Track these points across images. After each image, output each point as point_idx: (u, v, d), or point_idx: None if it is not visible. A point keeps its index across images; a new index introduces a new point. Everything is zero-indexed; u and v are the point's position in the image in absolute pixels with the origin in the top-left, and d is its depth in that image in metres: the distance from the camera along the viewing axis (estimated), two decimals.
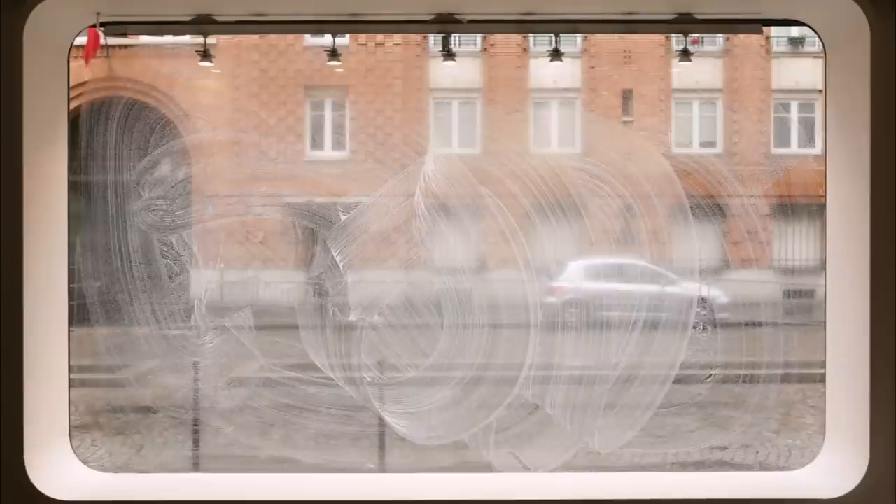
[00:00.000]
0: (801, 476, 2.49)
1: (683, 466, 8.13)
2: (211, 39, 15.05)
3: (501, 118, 20.61)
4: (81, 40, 2.61)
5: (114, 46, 17.60)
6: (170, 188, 9.09)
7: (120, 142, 9.87)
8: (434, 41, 19.54)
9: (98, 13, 2.42)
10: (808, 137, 20.16)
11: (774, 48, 20.36)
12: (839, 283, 2.44)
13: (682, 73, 19.52)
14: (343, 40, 17.46)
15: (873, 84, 2.21)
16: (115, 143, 9.95)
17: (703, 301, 13.72)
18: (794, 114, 20.35)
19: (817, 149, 18.45)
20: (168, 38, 15.64)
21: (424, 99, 20.85)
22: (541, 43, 19.10)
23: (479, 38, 20.57)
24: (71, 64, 2.48)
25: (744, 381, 10.23)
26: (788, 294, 18.09)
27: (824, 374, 2.49)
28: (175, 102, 18.88)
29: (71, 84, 2.55)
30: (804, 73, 19.05)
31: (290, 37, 19.19)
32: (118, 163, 9.66)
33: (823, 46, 2.47)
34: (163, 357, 10.14)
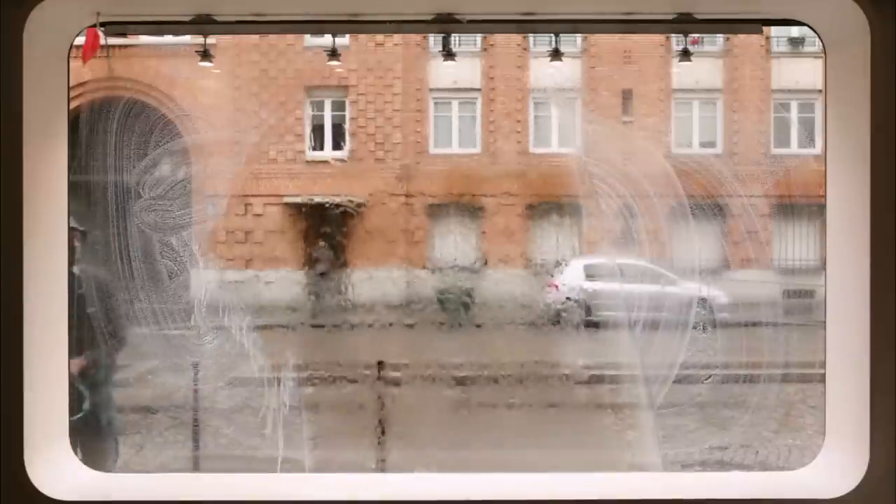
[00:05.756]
0: (800, 476, 2.49)
1: (684, 466, 8.14)
2: (211, 39, 15.13)
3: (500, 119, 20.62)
4: (82, 40, 2.61)
5: (114, 46, 17.60)
6: (170, 188, 9.11)
7: (120, 142, 9.90)
8: (434, 41, 19.57)
9: (98, 13, 2.41)
10: (807, 137, 20.17)
11: (774, 48, 20.37)
12: (839, 282, 2.44)
13: (682, 74, 19.54)
14: (343, 40, 17.46)
15: (873, 84, 2.21)
16: (116, 142, 9.98)
17: (702, 301, 13.72)
18: (793, 114, 20.35)
19: (817, 149, 18.46)
20: (168, 38, 15.64)
21: (424, 99, 20.86)
22: (541, 43, 19.12)
23: (479, 37, 20.59)
24: (71, 64, 2.48)
25: (744, 382, 10.27)
26: (788, 294, 18.10)
27: (824, 374, 2.49)
28: (175, 102, 18.90)
29: (71, 84, 2.55)
30: (804, 73, 19.07)
31: (290, 37, 19.21)
32: (118, 163, 9.69)
33: (823, 46, 2.47)
34: (163, 357, 10.19)
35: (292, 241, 20.41)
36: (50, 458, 2.36)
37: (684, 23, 2.54)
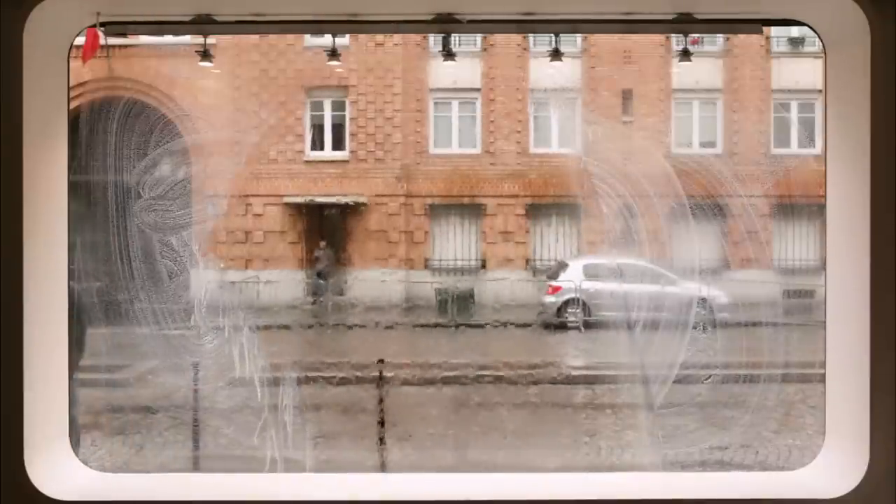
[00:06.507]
0: (800, 476, 2.49)
1: (684, 466, 8.15)
2: (211, 39, 15.06)
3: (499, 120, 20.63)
4: (82, 40, 2.61)
5: (114, 46, 17.60)
6: (170, 188, 9.11)
7: (120, 141, 9.91)
8: (434, 41, 19.56)
9: (98, 13, 2.41)
10: (807, 137, 20.17)
11: (774, 48, 20.37)
12: (839, 282, 2.44)
13: (682, 74, 19.55)
14: (343, 40, 17.46)
15: (873, 84, 2.21)
16: (116, 142, 9.99)
17: (702, 301, 13.73)
18: (793, 114, 20.35)
19: (817, 149, 18.47)
20: (168, 38, 15.64)
21: (424, 99, 20.86)
22: (541, 43, 19.12)
23: (479, 37, 20.59)
24: (71, 64, 2.48)
25: (744, 382, 10.27)
26: (788, 294, 18.11)
27: (824, 374, 2.49)
28: (175, 102, 18.90)
29: (71, 84, 2.54)
30: (804, 73, 19.07)
31: (290, 37, 19.21)
32: (118, 163, 9.69)
33: (823, 46, 2.46)
34: (163, 357, 10.19)
35: (292, 242, 20.41)
36: (50, 458, 2.36)
37: (684, 23, 2.54)
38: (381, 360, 9.81)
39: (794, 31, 18.37)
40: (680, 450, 8.45)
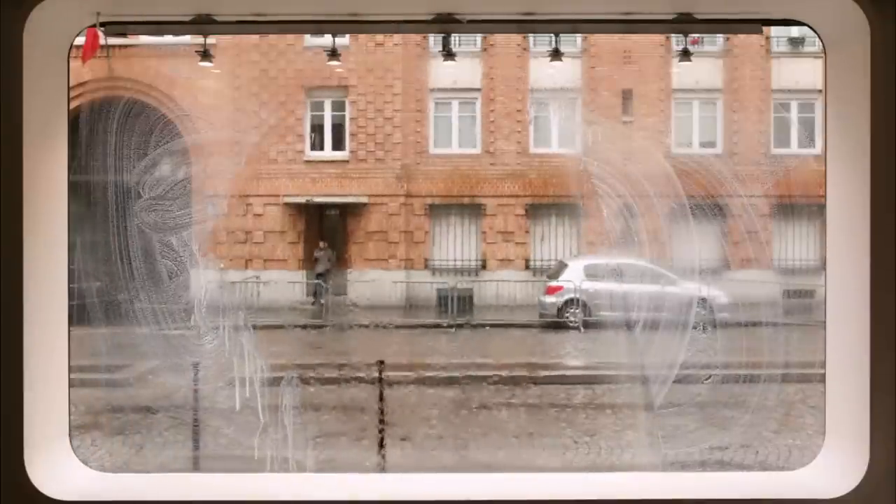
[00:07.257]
0: (801, 476, 2.49)
1: (684, 466, 8.15)
2: (211, 39, 15.02)
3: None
4: (82, 40, 2.61)
5: (114, 46, 17.58)
6: (170, 188, 9.10)
7: (120, 141, 9.90)
8: (434, 41, 19.56)
9: (98, 13, 2.41)
10: (807, 137, 20.17)
11: (774, 48, 20.37)
12: (839, 282, 2.44)
13: (682, 74, 19.55)
14: (343, 40, 17.46)
15: (873, 84, 2.21)
16: (116, 142, 9.98)
17: (702, 301, 13.72)
18: (793, 114, 20.35)
19: (817, 149, 18.47)
20: (168, 38, 15.64)
21: (424, 99, 20.85)
22: (541, 43, 19.12)
23: (479, 37, 20.59)
24: (71, 64, 2.49)
25: (744, 382, 10.27)
26: (788, 294, 18.11)
27: (824, 374, 2.50)
28: (175, 102, 18.89)
29: (71, 84, 2.55)
30: (804, 73, 19.07)
31: (290, 37, 19.20)
32: (118, 163, 9.68)
33: (823, 46, 2.47)
34: (163, 357, 10.17)
35: (292, 242, 20.42)
36: (50, 458, 2.36)
37: (684, 23, 2.54)
38: (381, 362, 9.81)
39: (794, 31, 18.36)
40: (680, 450, 8.45)
